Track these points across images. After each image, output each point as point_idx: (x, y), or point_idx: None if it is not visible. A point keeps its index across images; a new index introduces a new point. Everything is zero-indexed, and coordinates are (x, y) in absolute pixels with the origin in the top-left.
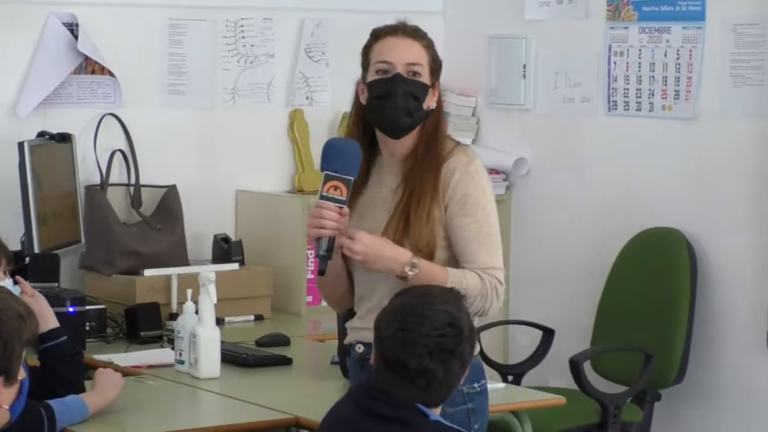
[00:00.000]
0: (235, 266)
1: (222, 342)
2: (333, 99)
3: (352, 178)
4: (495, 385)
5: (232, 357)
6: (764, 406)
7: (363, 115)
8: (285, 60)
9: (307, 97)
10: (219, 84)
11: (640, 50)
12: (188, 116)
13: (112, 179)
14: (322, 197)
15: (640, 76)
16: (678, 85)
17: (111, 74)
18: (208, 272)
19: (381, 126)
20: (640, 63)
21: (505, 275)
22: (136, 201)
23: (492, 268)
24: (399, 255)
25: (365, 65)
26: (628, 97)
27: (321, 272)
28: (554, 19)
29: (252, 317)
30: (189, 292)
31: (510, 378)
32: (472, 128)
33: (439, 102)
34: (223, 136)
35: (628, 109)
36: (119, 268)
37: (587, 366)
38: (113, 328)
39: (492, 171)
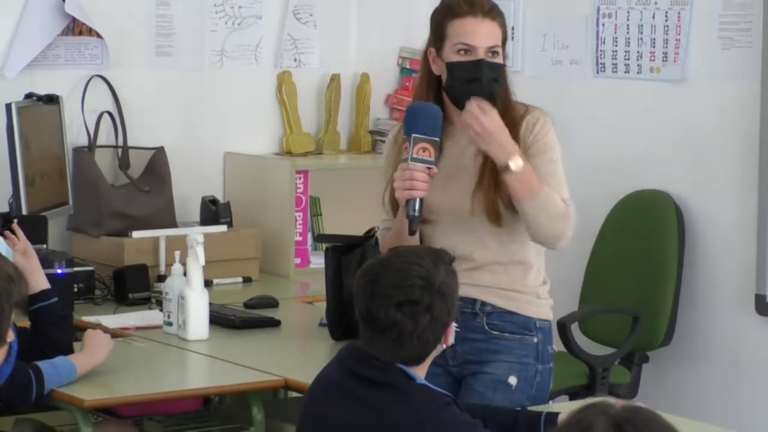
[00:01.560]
0: (223, 228)
1: (210, 304)
2: (321, 61)
3: (438, 139)
4: None
5: (220, 319)
6: (751, 368)
7: (434, 82)
8: (273, 22)
9: (295, 59)
10: (207, 46)
11: (628, 12)
12: (176, 78)
13: (100, 141)
14: (413, 159)
15: (629, 38)
16: (666, 47)
17: (99, 36)
18: (197, 234)
19: (462, 106)
20: (628, 25)
21: None
22: (123, 163)
23: (569, 200)
24: (511, 145)
25: (439, 38)
26: (616, 59)
27: (412, 232)
28: None
29: (240, 279)
30: (177, 254)
31: None
32: None
33: (504, 67)
34: (211, 98)
35: (616, 72)
36: (107, 229)
37: (575, 328)
38: (101, 289)
39: None
